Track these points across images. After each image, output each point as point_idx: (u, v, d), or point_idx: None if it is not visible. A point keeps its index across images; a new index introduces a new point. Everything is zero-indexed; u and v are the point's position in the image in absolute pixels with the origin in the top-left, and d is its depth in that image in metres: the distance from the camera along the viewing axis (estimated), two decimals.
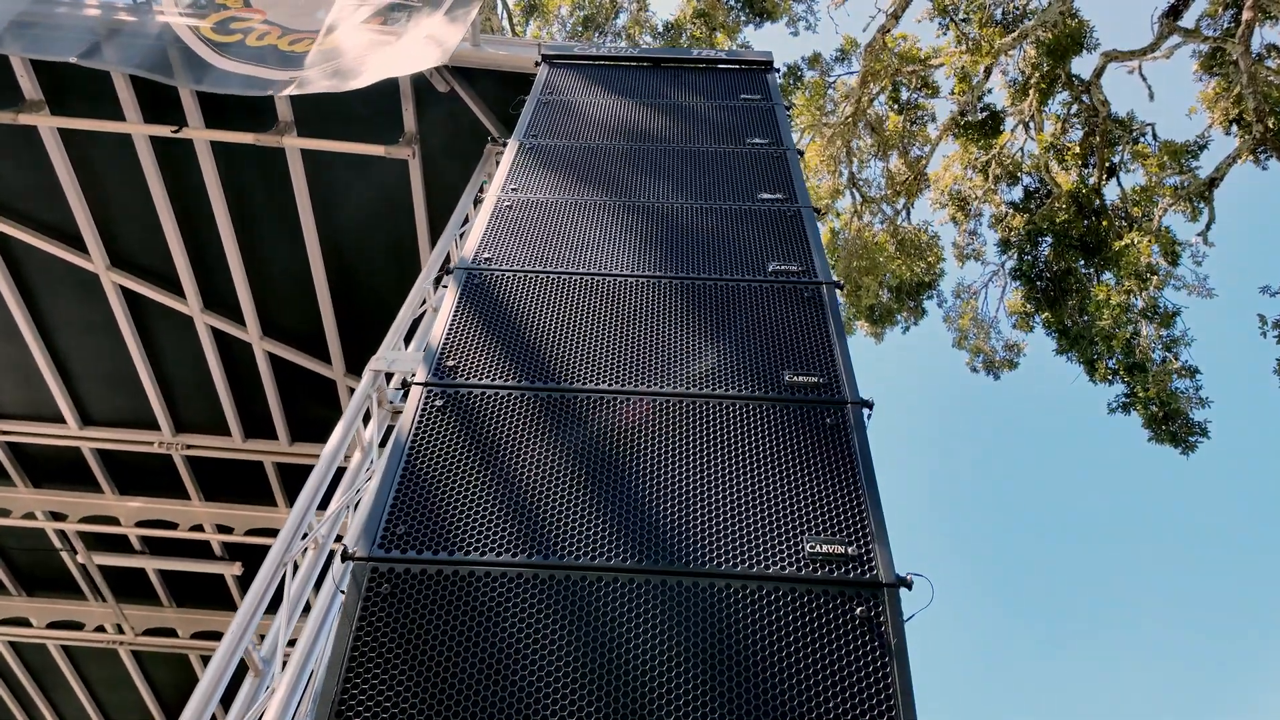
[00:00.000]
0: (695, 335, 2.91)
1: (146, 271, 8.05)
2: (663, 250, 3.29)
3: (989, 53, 13.52)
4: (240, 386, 8.91)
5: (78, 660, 11.87)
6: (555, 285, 3.15)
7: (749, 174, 3.79)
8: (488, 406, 2.63)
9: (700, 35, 14.16)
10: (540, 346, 2.87)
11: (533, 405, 2.62)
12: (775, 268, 3.15)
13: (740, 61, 4.99)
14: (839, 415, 2.53)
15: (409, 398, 2.65)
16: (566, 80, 4.85)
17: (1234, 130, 14.72)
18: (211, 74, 5.15)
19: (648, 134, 4.17)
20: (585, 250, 3.31)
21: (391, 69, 4.98)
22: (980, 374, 15.37)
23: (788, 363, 2.75)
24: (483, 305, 3.05)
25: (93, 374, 8.89)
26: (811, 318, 2.93)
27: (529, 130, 4.23)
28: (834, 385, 2.67)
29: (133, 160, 7.14)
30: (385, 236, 7.81)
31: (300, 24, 5.34)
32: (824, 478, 2.34)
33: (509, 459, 2.44)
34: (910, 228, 16.07)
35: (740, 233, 3.42)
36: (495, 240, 3.40)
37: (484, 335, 2.92)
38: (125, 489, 9.93)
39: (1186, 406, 11.14)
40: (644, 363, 2.78)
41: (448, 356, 2.84)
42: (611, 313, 3.00)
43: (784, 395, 2.58)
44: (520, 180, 3.77)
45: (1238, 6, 15.10)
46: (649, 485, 2.32)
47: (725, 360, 2.76)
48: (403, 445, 2.45)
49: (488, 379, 2.74)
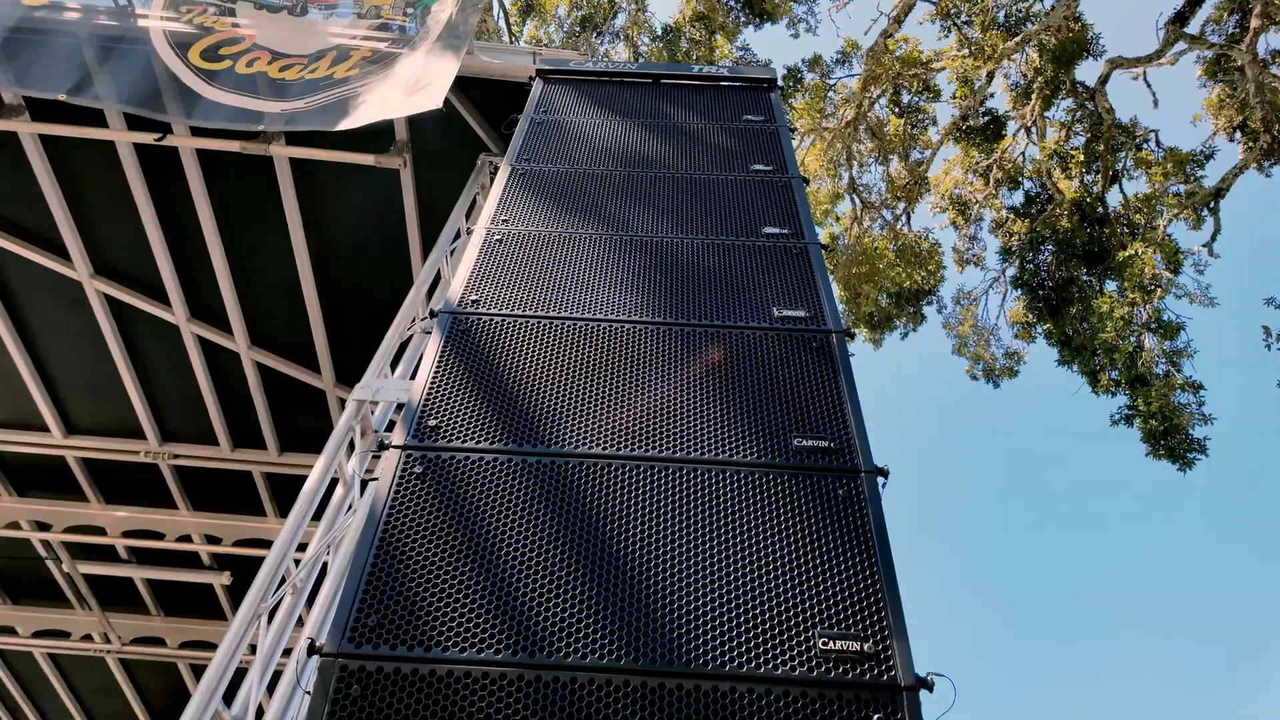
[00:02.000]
0: (697, 390, 2.71)
1: (131, 280, 7.87)
2: (662, 292, 3.08)
3: (992, 57, 13.35)
4: (228, 396, 8.74)
5: (65, 669, 11.74)
6: (547, 332, 2.93)
7: (752, 204, 3.58)
8: (472, 474, 2.40)
9: (699, 38, 13.97)
10: (530, 403, 2.66)
11: (521, 472, 2.40)
12: (781, 313, 2.97)
13: (742, 79, 4.78)
14: (852, 486, 2.35)
15: (384, 462, 2.43)
16: (562, 97, 4.65)
17: (1238, 137, 14.58)
18: (200, 105, 4.98)
19: (646, 159, 3.97)
20: (580, 291, 3.11)
21: (384, 110, 4.81)
22: (979, 381, 15.25)
23: (796, 423, 2.56)
24: (469, 355, 2.82)
25: (77, 382, 8.72)
26: (820, 371, 2.72)
27: (521, 153, 4.03)
28: (846, 451, 2.47)
29: (116, 167, 6.96)
30: (377, 246, 7.64)
31: (290, 47, 5.15)
32: (836, 560, 2.15)
33: (495, 537, 2.23)
34: (911, 234, 15.91)
35: (744, 272, 3.22)
36: (483, 279, 3.17)
37: (469, 390, 2.69)
38: (112, 498, 9.76)
39: (1188, 422, 10.98)
40: (642, 422, 2.57)
41: (429, 414, 2.59)
42: (607, 364, 2.79)
43: (792, 463, 2.39)
44: (511, 210, 3.57)
45: (1243, 11, 14.96)
46: (647, 568, 2.14)
47: (729, 420, 2.57)
48: (377, 520, 2.23)
49: (472, 440, 2.50)
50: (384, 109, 4.77)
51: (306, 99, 4.82)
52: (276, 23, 5.33)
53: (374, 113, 4.79)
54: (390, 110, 4.79)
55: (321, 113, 4.75)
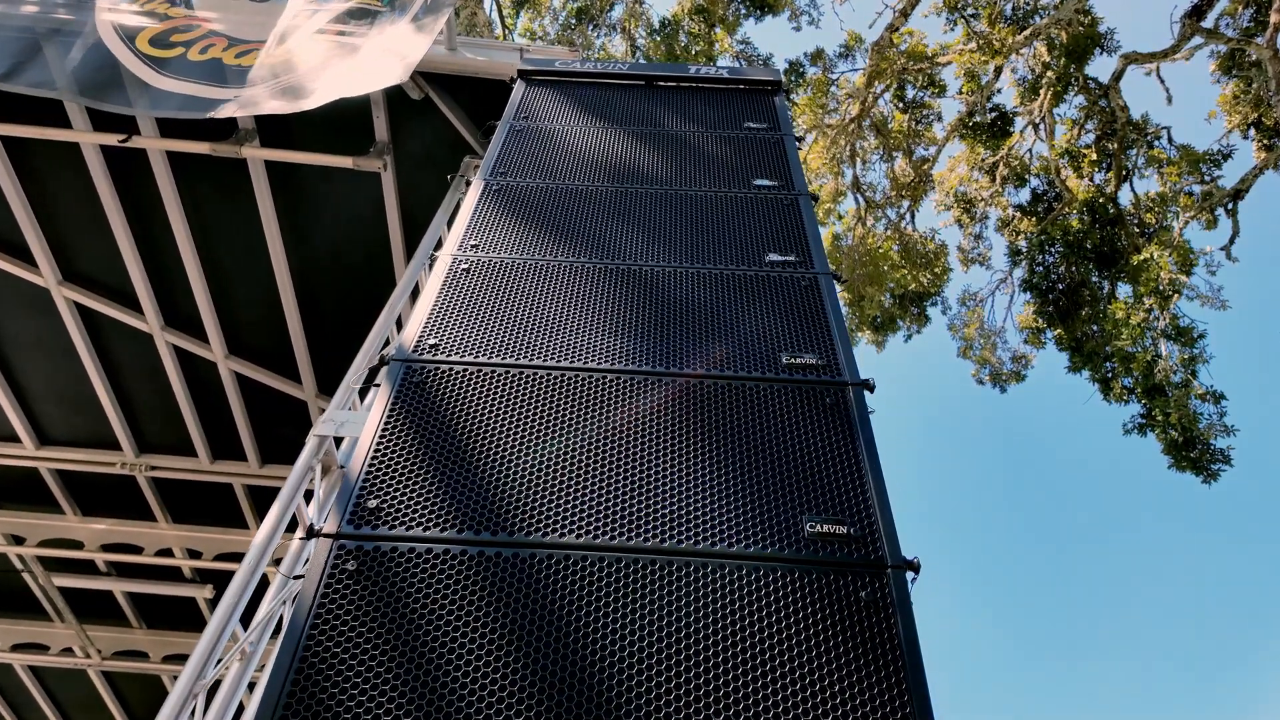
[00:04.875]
0: (691, 458, 2.28)
1: (102, 287, 7.52)
2: (653, 333, 2.66)
3: (1000, 51, 12.95)
4: (206, 406, 8.41)
5: (47, 682, 11.52)
6: (517, 383, 2.49)
7: (755, 227, 3.16)
8: (418, 571, 1.92)
9: (698, 31, 13.56)
10: (496, 476, 2.20)
11: (478, 567, 1.96)
12: (789, 360, 2.56)
13: (744, 81, 4.36)
14: (876, 584, 1.96)
15: (313, 555, 1.95)
16: (546, 101, 4.24)
17: (1251, 134, 14.21)
18: (148, 94, 4.56)
19: (637, 172, 3.55)
20: (557, 332, 2.67)
21: (346, 87, 4.38)
22: (986, 385, 14.88)
23: (811, 506, 2.13)
24: (424, 414, 2.37)
25: (48, 392, 8.39)
26: (836, 432, 2.31)
27: (497, 165, 3.59)
28: (871, 540, 2.07)
29: (82, 169, 6.61)
30: (358, 251, 7.29)
31: (250, 33, 4.74)
32: None
33: (446, 660, 1.80)
34: (916, 235, 15.51)
35: (746, 308, 2.80)
36: (445, 319, 2.73)
37: (422, 459, 2.21)
38: (88, 510, 9.45)
39: (1209, 434, 10.57)
40: (624, 504, 2.14)
41: (370, 492, 2.11)
42: (589, 424, 2.37)
43: (809, 556, 2.00)
44: (482, 233, 3.13)
45: (1257, 5, 14.55)
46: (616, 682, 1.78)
47: (734, 502, 2.15)
48: (300, 629, 1.79)
49: (420, 526, 2.03)
50: (345, 86, 4.36)
51: (264, 84, 4.42)
52: (236, 8, 4.93)
53: (334, 91, 4.38)
54: (351, 87, 4.39)
55: (277, 96, 4.36)
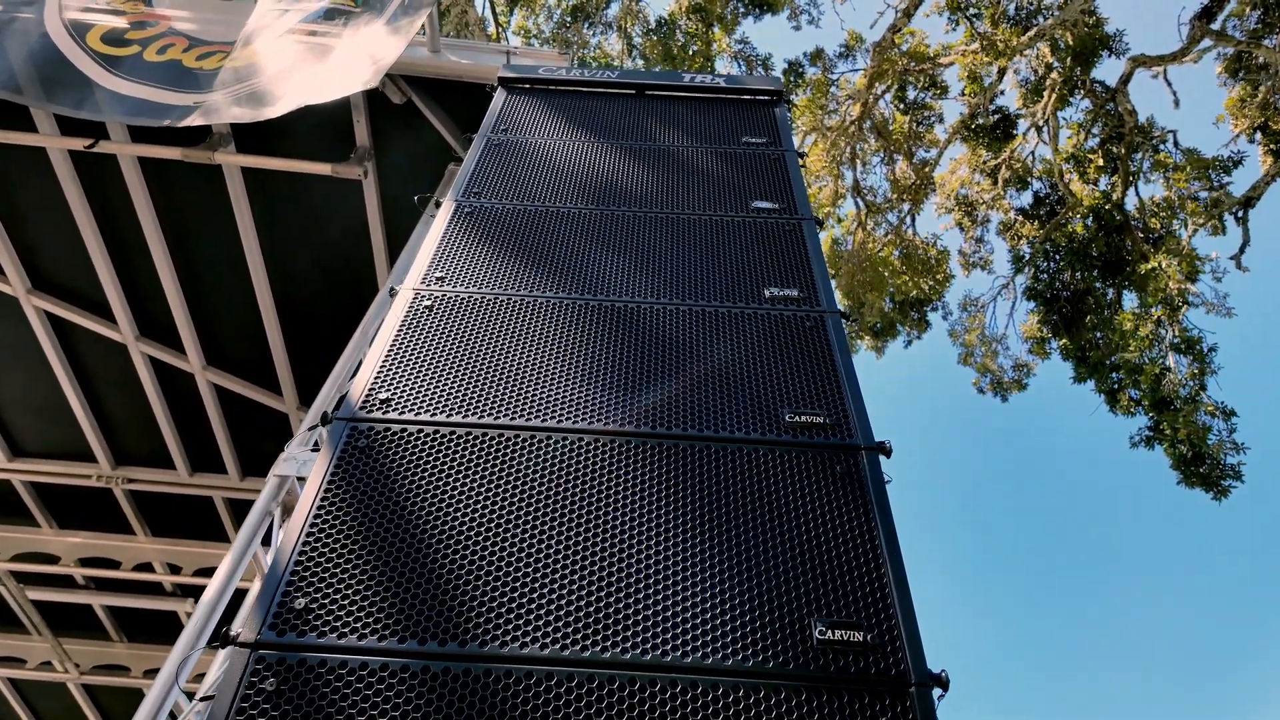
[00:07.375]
0: (679, 544, 1.95)
1: (73, 295, 7.25)
2: (637, 383, 2.34)
3: (1004, 52, 12.68)
4: (184, 418, 8.14)
5: (27, 695, 11.30)
6: (480, 448, 2.11)
7: (754, 257, 2.85)
8: (350, 692, 1.57)
9: (696, 30, 13.26)
10: (446, 569, 1.84)
11: (422, 687, 1.62)
12: (792, 419, 2.24)
13: (743, 91, 4.06)
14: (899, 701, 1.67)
15: (227, 669, 1.62)
16: (528, 111, 3.93)
17: (1258, 139, 13.98)
18: (94, 96, 4.23)
19: (626, 192, 3.24)
20: (530, 384, 2.33)
21: (313, 93, 4.07)
22: (987, 394, 14.62)
23: (820, 604, 1.81)
24: (367, 486, 1.99)
25: (20, 403, 8.12)
26: (848, 509, 1.98)
27: (470, 184, 3.26)
28: (891, 649, 1.72)
29: (50, 174, 6.33)
30: (339, 259, 7.03)
31: (214, 34, 4.42)
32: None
33: None
34: (917, 240, 15.24)
35: (743, 353, 2.47)
36: (401, 367, 2.36)
37: (361, 546, 1.85)
38: (64, 523, 9.18)
39: (1218, 450, 10.30)
40: (600, 606, 1.80)
41: (298, 589, 1.74)
42: (562, 500, 2.03)
43: (818, 672, 1.71)
44: (450, 264, 2.79)
45: (1265, 7, 14.29)
46: None
47: (729, 600, 1.82)
48: None
49: (355, 634, 1.67)
50: (312, 93, 4.05)
51: (226, 90, 4.10)
52: (201, 5, 4.61)
53: (300, 97, 4.06)
54: (319, 93, 4.07)
55: (240, 103, 4.04)
